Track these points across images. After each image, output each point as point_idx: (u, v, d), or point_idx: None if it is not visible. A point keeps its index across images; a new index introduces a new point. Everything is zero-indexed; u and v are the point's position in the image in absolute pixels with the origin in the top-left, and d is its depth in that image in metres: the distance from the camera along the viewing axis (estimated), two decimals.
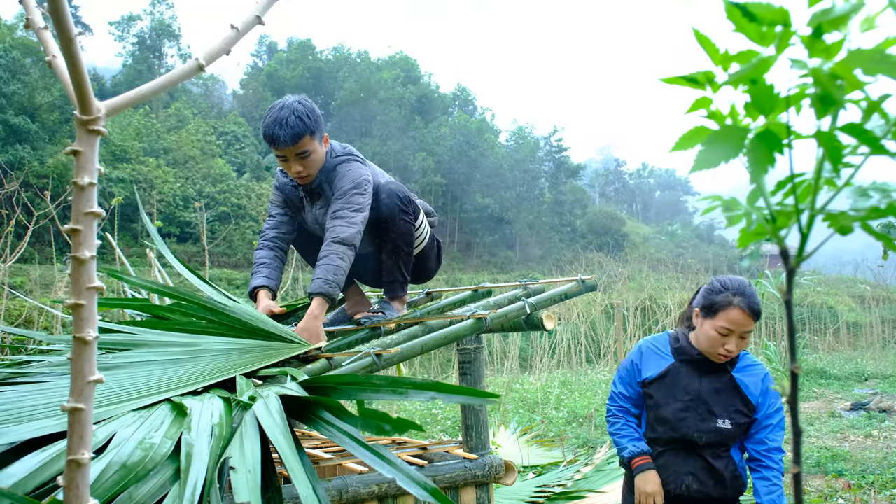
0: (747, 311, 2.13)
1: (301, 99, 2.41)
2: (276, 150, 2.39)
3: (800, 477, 0.61)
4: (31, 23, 0.74)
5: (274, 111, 2.37)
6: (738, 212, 0.63)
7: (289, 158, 2.39)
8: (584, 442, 6.41)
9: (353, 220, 2.36)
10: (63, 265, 7.30)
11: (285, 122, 2.32)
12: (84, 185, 0.69)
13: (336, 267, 2.28)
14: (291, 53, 48.61)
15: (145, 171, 28.75)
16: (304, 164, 2.40)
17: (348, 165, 2.47)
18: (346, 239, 2.32)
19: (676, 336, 2.37)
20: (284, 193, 2.65)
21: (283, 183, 2.64)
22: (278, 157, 2.42)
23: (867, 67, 0.55)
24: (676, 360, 2.33)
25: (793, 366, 0.60)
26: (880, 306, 19.40)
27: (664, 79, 0.66)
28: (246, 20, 0.80)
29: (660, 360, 2.36)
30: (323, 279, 2.26)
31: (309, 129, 2.36)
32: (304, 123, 2.34)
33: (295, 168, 2.41)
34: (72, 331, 0.69)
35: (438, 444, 2.52)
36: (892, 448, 6.18)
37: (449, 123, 44.67)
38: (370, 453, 1.19)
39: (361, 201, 2.40)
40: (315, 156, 2.42)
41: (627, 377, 2.41)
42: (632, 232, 52.88)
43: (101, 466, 1.14)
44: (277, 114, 2.35)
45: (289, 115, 2.33)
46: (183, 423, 1.34)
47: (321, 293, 2.25)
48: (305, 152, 2.38)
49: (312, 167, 2.43)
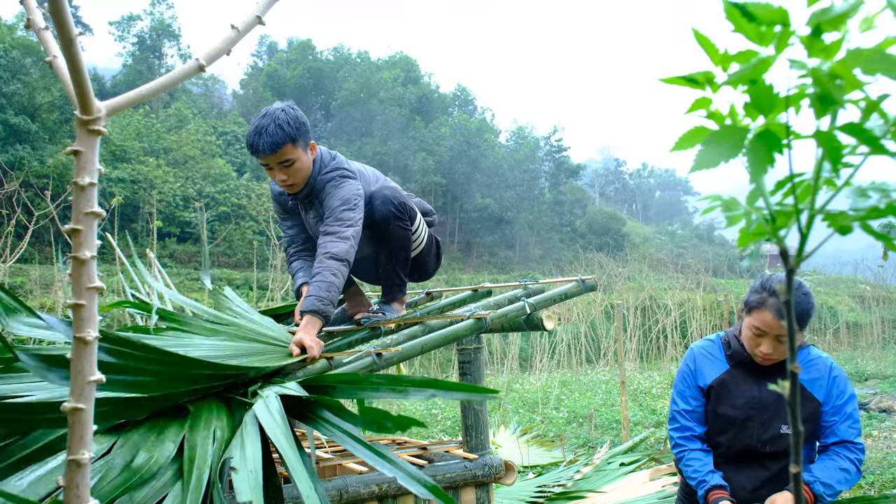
0: (777, 316, 2.01)
1: (286, 106, 2.37)
2: (259, 158, 2.36)
3: (800, 477, 0.61)
4: (31, 23, 0.74)
5: (256, 119, 2.34)
6: (738, 212, 0.63)
7: (272, 167, 2.36)
8: (584, 442, 6.41)
9: (344, 234, 2.32)
10: (63, 265, 7.30)
11: (265, 131, 2.28)
12: (84, 185, 0.69)
13: (329, 283, 2.23)
14: (291, 53, 48.61)
15: (145, 171, 28.74)
16: (288, 172, 2.36)
17: (335, 184, 2.42)
18: (338, 255, 2.28)
19: (728, 340, 2.25)
20: (280, 203, 2.65)
21: (277, 192, 2.64)
22: (262, 165, 2.40)
23: (866, 67, 0.55)
24: (731, 365, 2.21)
25: (793, 366, 0.60)
26: (880, 306, 19.39)
27: (664, 79, 0.66)
28: (246, 20, 0.80)
29: (714, 366, 2.23)
30: (315, 297, 2.21)
31: (290, 137, 2.31)
32: (283, 132, 2.29)
33: (279, 177, 2.38)
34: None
35: (438, 444, 2.52)
36: (892, 448, 6.18)
37: (449, 123, 44.66)
38: (371, 452, 1.19)
39: (352, 216, 2.36)
40: (299, 164, 2.37)
41: (686, 389, 2.26)
42: (632, 232, 52.88)
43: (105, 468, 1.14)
44: (259, 122, 2.31)
45: (269, 123, 2.29)
46: (185, 424, 1.34)
47: (312, 311, 2.19)
48: (288, 161, 2.34)
49: (297, 176, 2.39)
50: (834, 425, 2.13)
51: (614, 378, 10.67)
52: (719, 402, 2.20)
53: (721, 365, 2.24)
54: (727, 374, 2.21)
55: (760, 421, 2.16)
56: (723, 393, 2.20)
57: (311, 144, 2.43)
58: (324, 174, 2.45)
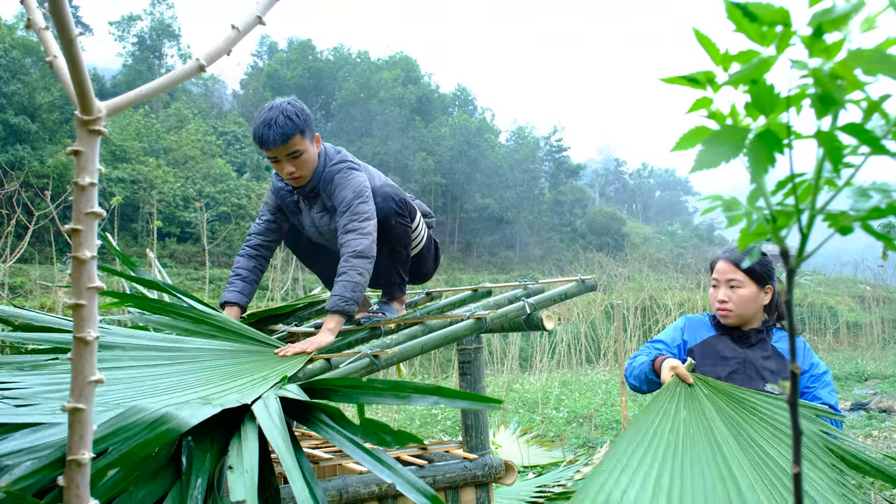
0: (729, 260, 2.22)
1: (290, 99, 2.39)
2: (267, 151, 2.36)
3: (799, 477, 0.61)
4: (32, 23, 0.74)
5: (263, 113, 2.35)
6: (739, 212, 0.63)
7: (280, 160, 2.36)
8: (584, 442, 6.41)
9: (365, 230, 2.32)
10: (63, 265, 7.30)
11: (274, 123, 2.29)
12: (84, 185, 0.69)
13: (355, 283, 2.25)
14: (291, 53, 48.63)
15: (145, 171, 28.74)
16: (296, 164, 2.37)
17: (345, 175, 2.43)
18: (363, 252, 2.29)
19: (715, 314, 2.40)
20: (279, 198, 2.62)
21: (278, 188, 2.61)
22: (269, 158, 2.40)
23: (867, 67, 0.55)
24: (718, 333, 2.35)
25: (793, 366, 0.60)
26: (880, 306, 19.40)
27: (664, 79, 0.66)
28: (246, 20, 0.80)
29: (702, 331, 2.37)
30: (340, 296, 2.22)
31: (299, 128, 2.32)
32: (293, 123, 2.31)
33: (287, 169, 2.38)
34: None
35: (438, 444, 2.52)
36: (892, 448, 6.18)
37: (449, 123, 44.68)
38: (370, 457, 1.19)
39: (367, 209, 2.37)
40: (307, 156, 2.38)
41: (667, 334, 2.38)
42: (632, 232, 52.89)
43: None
44: (266, 115, 2.32)
45: (277, 115, 2.30)
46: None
47: (338, 311, 2.21)
48: (296, 152, 2.35)
49: (305, 168, 2.40)
50: (815, 390, 2.22)
51: (614, 378, 10.68)
52: (703, 361, 2.31)
53: (708, 330, 2.38)
54: (713, 337, 2.35)
55: (747, 375, 2.24)
56: (707, 351, 2.32)
57: (316, 137, 2.45)
58: (331, 166, 2.46)
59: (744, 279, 2.21)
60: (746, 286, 2.21)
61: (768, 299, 2.24)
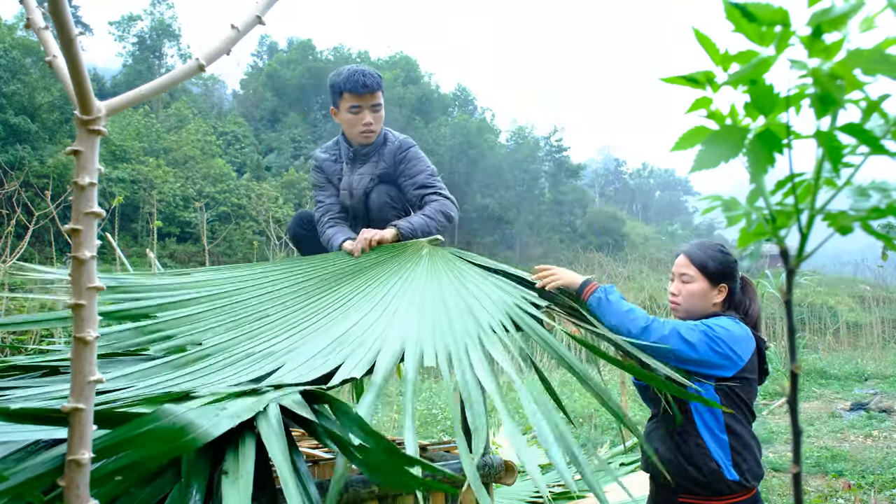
0: (685, 254, 2.22)
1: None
2: (359, 97, 2.48)
3: (800, 477, 0.61)
4: (31, 23, 0.74)
5: (348, 68, 2.52)
6: (738, 212, 0.63)
7: (363, 109, 2.51)
8: (584, 442, 6.41)
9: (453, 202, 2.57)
10: (63, 265, 7.30)
11: (367, 72, 2.48)
12: (84, 185, 0.69)
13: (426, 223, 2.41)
14: (292, 53, 48.62)
15: (145, 171, 28.72)
16: (375, 117, 2.54)
17: (418, 152, 2.63)
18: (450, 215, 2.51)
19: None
20: (325, 170, 2.70)
21: (322, 160, 2.71)
22: (353, 107, 2.51)
23: (866, 67, 0.55)
24: None
25: (793, 366, 0.60)
26: (880, 306, 19.40)
27: (664, 79, 0.66)
28: (246, 20, 0.80)
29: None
30: (408, 221, 2.39)
31: (382, 84, 2.52)
32: (380, 77, 2.51)
33: (366, 119, 2.52)
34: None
35: (438, 444, 2.52)
36: (892, 448, 6.18)
37: (449, 123, 44.68)
38: None
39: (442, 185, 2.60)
40: (382, 112, 2.57)
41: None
42: (632, 232, 52.86)
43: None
44: (354, 68, 2.51)
45: (365, 69, 2.50)
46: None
47: (399, 227, 2.36)
48: (378, 105, 2.53)
49: (378, 123, 2.57)
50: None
51: (614, 378, 10.67)
52: None
53: None
54: None
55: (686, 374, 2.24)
56: None
57: None
58: (402, 139, 2.64)
59: (695, 274, 2.17)
60: (697, 282, 2.16)
61: (720, 298, 2.16)
